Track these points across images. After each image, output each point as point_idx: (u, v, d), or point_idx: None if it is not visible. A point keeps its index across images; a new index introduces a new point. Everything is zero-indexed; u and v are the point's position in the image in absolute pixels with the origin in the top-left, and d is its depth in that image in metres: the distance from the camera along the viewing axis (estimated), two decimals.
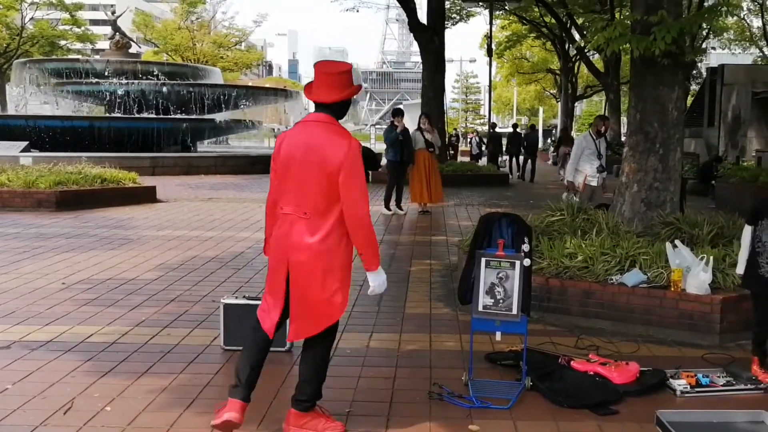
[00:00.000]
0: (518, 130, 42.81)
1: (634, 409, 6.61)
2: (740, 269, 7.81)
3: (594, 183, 15.87)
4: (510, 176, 35.87)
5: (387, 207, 20.61)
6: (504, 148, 45.28)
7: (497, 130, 46.39)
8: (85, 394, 6.75)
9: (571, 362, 7.53)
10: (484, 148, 50.68)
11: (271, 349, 6.62)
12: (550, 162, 54.53)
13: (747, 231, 7.60)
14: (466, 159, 50.53)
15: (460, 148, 60.88)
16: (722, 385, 7.14)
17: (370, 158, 34.71)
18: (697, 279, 8.69)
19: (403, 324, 9.36)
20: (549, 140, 66.01)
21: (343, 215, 5.80)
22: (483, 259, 7.07)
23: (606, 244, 9.92)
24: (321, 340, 5.98)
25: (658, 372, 7.29)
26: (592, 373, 7.28)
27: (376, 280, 6.05)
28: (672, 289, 8.85)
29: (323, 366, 6.06)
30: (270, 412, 6.35)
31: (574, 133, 59.48)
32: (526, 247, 7.03)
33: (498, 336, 7.22)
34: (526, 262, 6.98)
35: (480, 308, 7.04)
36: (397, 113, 21.10)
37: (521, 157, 39.70)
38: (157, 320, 9.30)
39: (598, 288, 9.26)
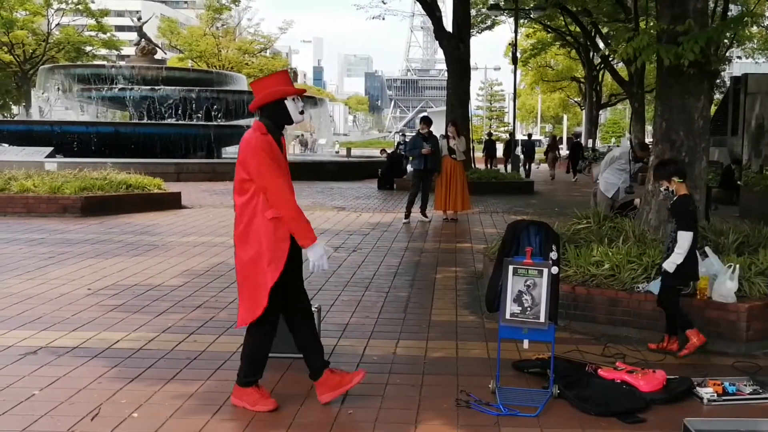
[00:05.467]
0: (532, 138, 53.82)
1: (662, 417, 6.60)
2: (672, 268, 8.31)
3: (609, 194, 15.79)
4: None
5: (407, 215, 20.46)
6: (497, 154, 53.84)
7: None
8: (112, 401, 6.77)
9: (598, 370, 7.52)
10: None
11: (294, 355, 6.71)
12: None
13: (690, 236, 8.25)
14: None
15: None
16: (749, 394, 7.11)
17: (395, 164, 34.71)
18: (724, 287, 8.67)
19: (429, 331, 9.36)
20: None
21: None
22: (511, 267, 7.06)
23: (632, 252, 9.91)
24: None
25: (685, 380, 7.28)
26: (619, 381, 7.27)
27: None
28: (698, 297, 8.83)
29: None
30: (298, 417, 6.37)
31: (598, 141, 59.95)
32: (554, 255, 7.03)
33: (525, 344, 7.21)
34: (554, 269, 6.98)
35: (507, 316, 7.04)
36: (423, 121, 21.03)
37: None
38: (183, 327, 9.32)
39: (624, 296, 9.24)
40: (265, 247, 6.38)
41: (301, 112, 6.69)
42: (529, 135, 55.35)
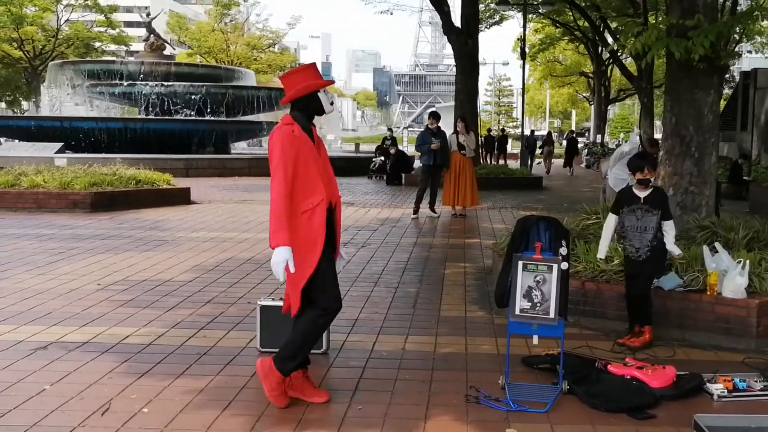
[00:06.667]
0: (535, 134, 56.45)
1: (672, 413, 6.58)
2: (602, 254, 8.89)
3: (618, 190, 15.75)
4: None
5: (416, 211, 20.42)
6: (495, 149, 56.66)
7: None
8: (122, 396, 6.77)
9: (608, 366, 7.50)
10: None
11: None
12: (583, 165, 54.96)
13: (612, 219, 8.67)
14: None
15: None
16: (759, 390, 7.08)
17: (403, 161, 34.74)
18: (734, 283, 8.65)
19: (439, 327, 9.34)
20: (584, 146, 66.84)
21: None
22: (520, 263, 7.04)
23: None
24: None
25: (695, 376, 7.25)
26: (629, 377, 7.25)
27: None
28: (708, 293, 8.81)
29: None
30: (308, 412, 6.38)
31: (607, 137, 60.40)
32: (563, 251, 7.01)
33: (535, 339, 7.21)
34: (564, 265, 6.96)
35: (517, 311, 7.03)
36: (431, 116, 20.99)
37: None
38: (193, 322, 9.32)
39: None
40: (300, 244, 6.33)
41: (332, 103, 6.77)
42: (532, 131, 56.63)
